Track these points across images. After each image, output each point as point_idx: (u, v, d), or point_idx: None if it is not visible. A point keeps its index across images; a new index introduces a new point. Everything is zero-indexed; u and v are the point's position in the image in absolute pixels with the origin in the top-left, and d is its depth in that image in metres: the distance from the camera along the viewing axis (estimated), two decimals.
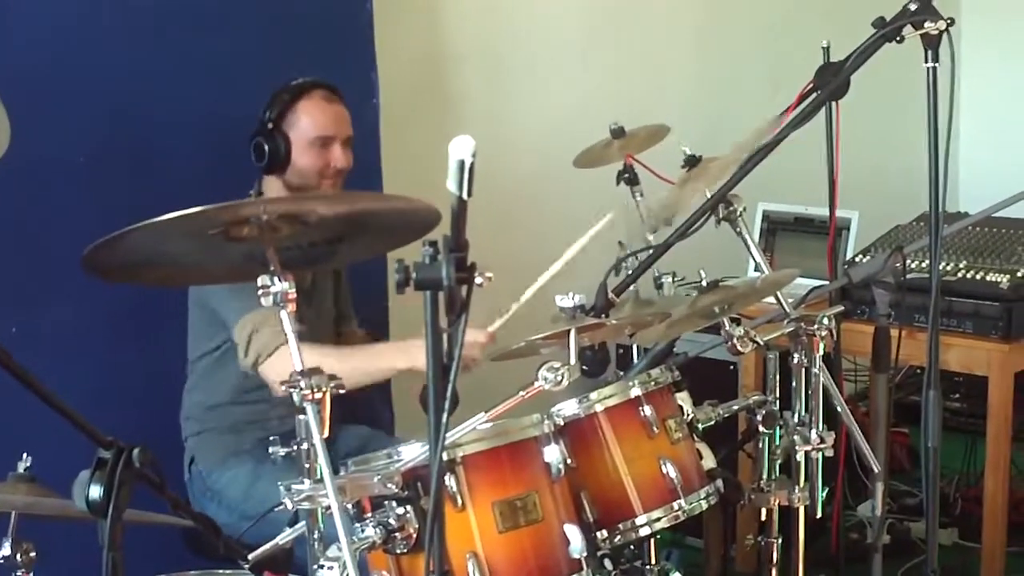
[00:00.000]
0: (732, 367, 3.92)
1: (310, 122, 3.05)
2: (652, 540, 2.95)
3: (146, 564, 2.51)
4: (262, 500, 2.71)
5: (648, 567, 2.83)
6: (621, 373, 2.88)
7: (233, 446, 3.07)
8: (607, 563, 2.70)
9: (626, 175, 3.29)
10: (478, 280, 1.62)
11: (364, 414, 3.37)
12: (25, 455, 2.27)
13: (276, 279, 1.99)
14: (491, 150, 4.31)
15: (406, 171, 3.69)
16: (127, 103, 3.23)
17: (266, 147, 3.05)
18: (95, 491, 1.80)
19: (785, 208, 4.20)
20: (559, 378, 2.08)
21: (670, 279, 3.17)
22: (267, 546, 2.15)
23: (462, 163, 1.47)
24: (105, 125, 3.19)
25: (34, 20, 3.04)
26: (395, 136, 3.79)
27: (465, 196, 1.51)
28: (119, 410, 3.06)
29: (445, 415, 1.64)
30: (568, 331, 2.17)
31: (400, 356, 2.87)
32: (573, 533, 2.22)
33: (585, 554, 2.23)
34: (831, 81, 2.53)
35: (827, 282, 3.33)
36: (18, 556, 2.18)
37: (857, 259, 3.79)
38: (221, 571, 2.48)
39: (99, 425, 1.86)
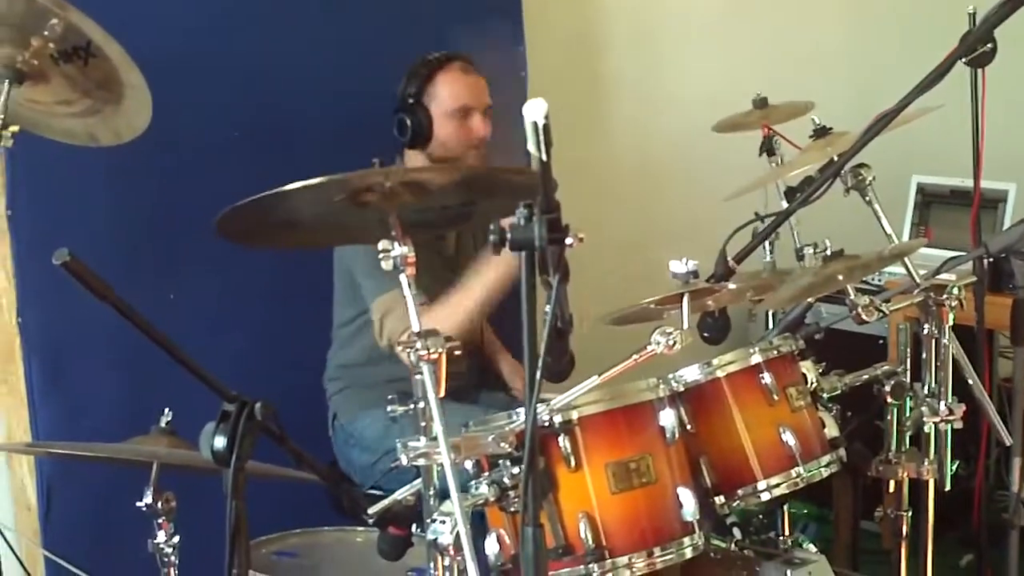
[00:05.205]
0: (881, 341, 3.87)
1: (449, 93, 3.12)
2: (787, 512, 2.96)
3: (286, 520, 2.65)
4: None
5: (781, 538, 2.83)
6: None
7: (372, 401, 3.16)
8: (736, 531, 2.72)
9: (766, 147, 3.28)
10: (568, 241, 1.65)
11: (503, 381, 3.46)
12: (167, 410, 2.40)
13: (396, 244, 2.06)
14: (638, 123, 4.37)
15: (554, 142, 3.73)
16: (279, 82, 3.38)
17: (408, 121, 3.13)
18: (219, 442, 1.89)
19: (941, 180, 4.11)
20: (671, 342, 2.11)
21: (811, 250, 3.16)
22: (386, 501, 2.21)
23: (536, 125, 1.52)
24: (256, 102, 3.34)
25: (184, 8, 3.21)
26: None
27: (544, 157, 1.55)
28: (267, 371, 3.20)
29: (539, 374, 1.68)
30: (682, 295, 2.19)
31: (489, 272, 2.94)
32: (686, 496, 2.24)
33: (698, 517, 2.24)
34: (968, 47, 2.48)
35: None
36: (159, 504, 2.30)
37: None
38: (352, 528, 2.58)
39: (247, 386, 1.95)
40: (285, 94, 3.38)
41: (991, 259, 3.03)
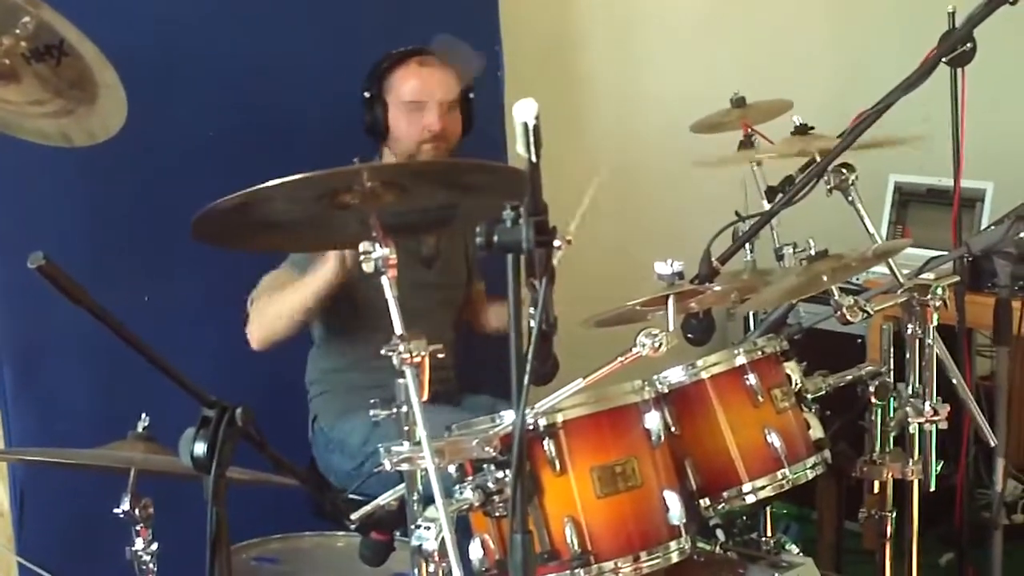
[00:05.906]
0: (860, 340, 3.86)
1: (402, 87, 3.13)
2: (769, 512, 2.94)
3: (266, 525, 2.61)
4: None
5: (764, 539, 2.82)
6: None
7: (354, 405, 3.13)
8: (719, 533, 2.70)
9: (746, 145, 3.27)
10: (556, 243, 1.63)
11: (489, 384, 3.42)
12: (144, 415, 2.36)
13: (376, 245, 2.04)
14: (617, 123, 4.35)
15: None
16: (256, 81, 3.35)
17: (366, 115, 3.13)
18: (199, 448, 1.86)
19: (918, 179, 4.11)
20: (657, 344, 2.08)
21: (791, 250, 3.14)
22: (368, 507, 2.19)
23: (526, 126, 1.49)
24: (233, 101, 3.31)
25: (160, 6, 3.19)
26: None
27: (534, 159, 1.52)
28: (246, 373, 3.16)
29: (527, 378, 1.65)
30: (667, 297, 2.17)
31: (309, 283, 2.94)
32: (672, 499, 2.22)
33: (684, 520, 2.22)
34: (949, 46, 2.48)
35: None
36: (136, 511, 2.26)
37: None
38: (333, 533, 2.55)
39: (225, 388, 1.93)
40: (262, 94, 3.35)
41: (971, 258, 3.03)
